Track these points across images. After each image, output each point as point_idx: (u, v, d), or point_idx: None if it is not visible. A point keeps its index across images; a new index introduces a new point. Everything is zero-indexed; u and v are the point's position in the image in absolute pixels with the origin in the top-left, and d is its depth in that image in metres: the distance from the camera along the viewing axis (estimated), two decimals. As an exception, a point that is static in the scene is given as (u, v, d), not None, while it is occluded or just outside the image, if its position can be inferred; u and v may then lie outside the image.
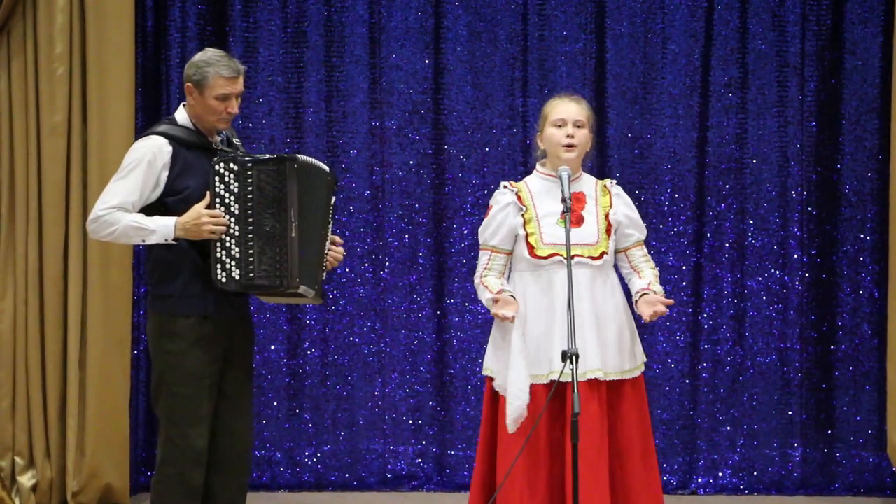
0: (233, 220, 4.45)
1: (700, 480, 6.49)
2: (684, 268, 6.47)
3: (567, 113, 4.66)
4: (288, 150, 6.39)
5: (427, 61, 6.48)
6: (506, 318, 4.50)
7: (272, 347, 6.52)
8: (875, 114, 6.37)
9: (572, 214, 4.54)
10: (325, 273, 4.65)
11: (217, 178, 4.46)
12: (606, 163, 6.41)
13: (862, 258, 6.42)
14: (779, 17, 6.41)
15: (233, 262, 4.45)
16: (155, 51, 6.38)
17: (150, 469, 6.12)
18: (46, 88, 5.94)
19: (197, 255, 4.51)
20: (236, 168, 4.45)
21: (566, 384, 4.42)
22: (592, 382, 4.52)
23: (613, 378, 4.59)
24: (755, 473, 6.47)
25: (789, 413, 6.46)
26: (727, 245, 6.48)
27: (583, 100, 4.78)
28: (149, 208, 4.52)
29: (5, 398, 6.02)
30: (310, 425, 6.54)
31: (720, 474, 6.48)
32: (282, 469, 6.53)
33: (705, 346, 6.48)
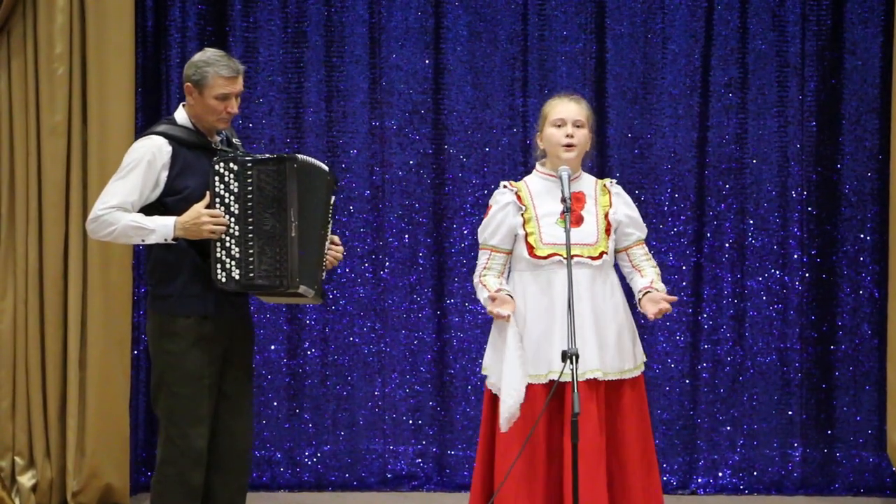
0: (232, 219, 4.45)
1: (700, 480, 6.49)
2: (684, 268, 6.47)
3: (566, 113, 4.66)
4: (288, 150, 6.39)
5: (427, 61, 6.48)
6: (501, 317, 4.51)
7: (272, 347, 6.52)
8: (875, 114, 6.37)
9: (572, 214, 4.53)
10: (324, 273, 4.65)
11: (217, 177, 4.45)
12: (606, 163, 6.41)
13: (862, 258, 6.42)
14: (779, 17, 6.41)
15: (233, 262, 4.44)
16: (155, 51, 6.37)
17: (150, 469, 6.12)
18: (46, 88, 5.94)
19: (197, 255, 4.51)
20: (236, 168, 4.45)
21: (565, 384, 4.42)
22: (591, 382, 4.52)
23: (612, 378, 4.58)
24: (755, 473, 6.46)
25: (789, 413, 6.46)
26: (727, 245, 6.48)
27: (582, 100, 4.77)
28: (148, 208, 4.52)
29: (5, 398, 6.02)
30: (310, 425, 6.54)
31: (720, 474, 6.48)
32: (282, 469, 6.52)
33: (705, 346, 6.48)
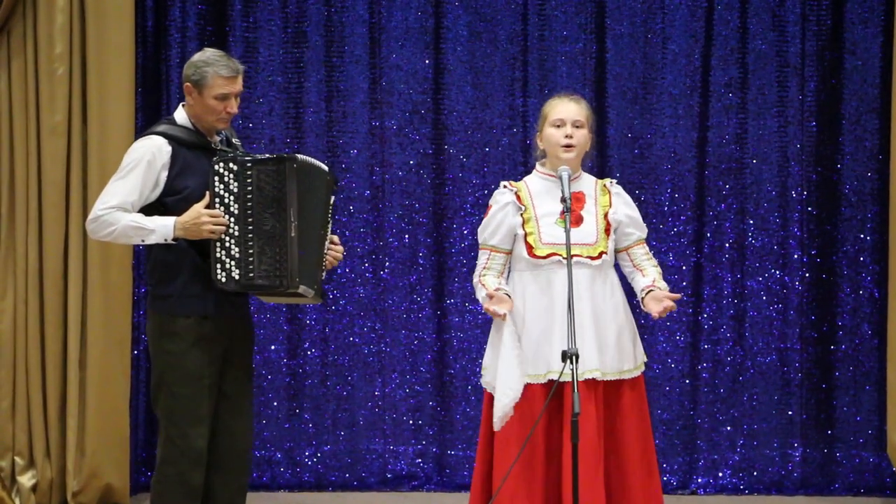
0: (232, 219, 4.45)
1: (700, 480, 6.49)
2: (684, 268, 6.47)
3: (566, 113, 4.66)
4: (288, 150, 6.39)
5: (427, 61, 6.48)
6: (497, 315, 4.51)
7: (272, 347, 6.52)
8: (875, 114, 6.37)
9: (571, 214, 4.53)
10: (324, 273, 4.65)
11: (216, 177, 4.45)
12: (606, 163, 6.41)
13: (862, 258, 6.42)
14: (779, 17, 6.41)
15: (232, 262, 4.44)
16: (155, 51, 6.37)
17: (150, 469, 6.12)
18: (46, 88, 5.94)
19: (196, 255, 4.51)
20: (236, 168, 4.45)
21: (564, 384, 4.42)
22: (590, 382, 4.51)
23: (611, 378, 4.58)
24: (755, 473, 6.46)
25: (789, 413, 6.46)
26: (727, 245, 6.48)
27: (582, 100, 4.77)
28: (148, 208, 4.52)
29: (5, 398, 6.02)
30: (310, 425, 6.53)
31: (720, 474, 6.48)
32: (282, 469, 6.52)
33: (705, 346, 6.48)
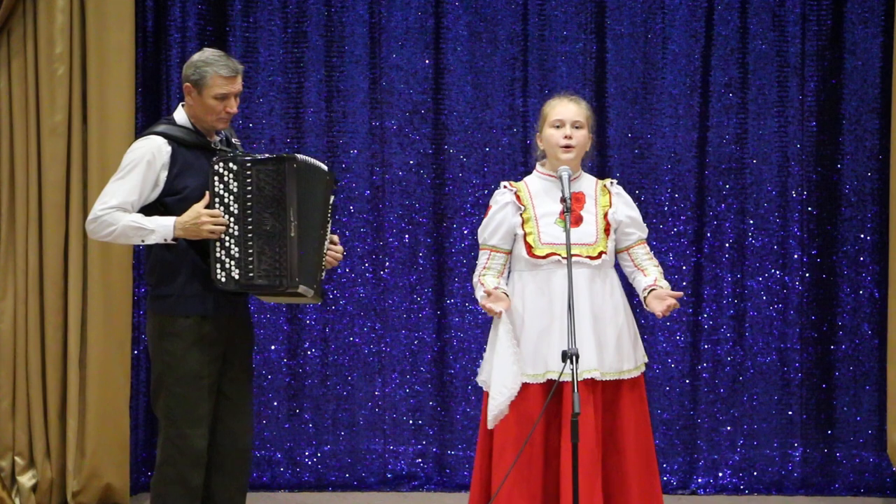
0: (232, 219, 4.44)
1: (700, 480, 6.49)
2: (684, 268, 6.47)
3: (565, 114, 4.66)
4: (288, 150, 6.39)
5: (427, 61, 6.48)
6: (492, 312, 4.51)
7: (272, 347, 6.52)
8: (875, 114, 6.37)
9: (571, 214, 4.53)
10: (324, 272, 4.65)
11: (216, 177, 4.45)
12: (606, 163, 6.41)
13: (862, 258, 6.42)
14: (779, 17, 6.41)
15: (232, 262, 4.44)
16: (155, 51, 6.37)
17: (150, 469, 6.12)
18: (46, 88, 5.94)
19: (196, 255, 4.51)
20: (235, 168, 4.45)
21: (562, 384, 4.42)
22: (588, 382, 4.51)
23: (610, 378, 4.58)
24: (755, 473, 6.46)
25: (789, 413, 6.46)
26: (727, 245, 6.48)
27: (582, 100, 4.77)
28: (148, 208, 4.52)
29: (5, 398, 6.02)
30: (310, 425, 6.53)
31: (720, 474, 6.48)
32: (282, 469, 6.52)
33: (705, 346, 6.48)
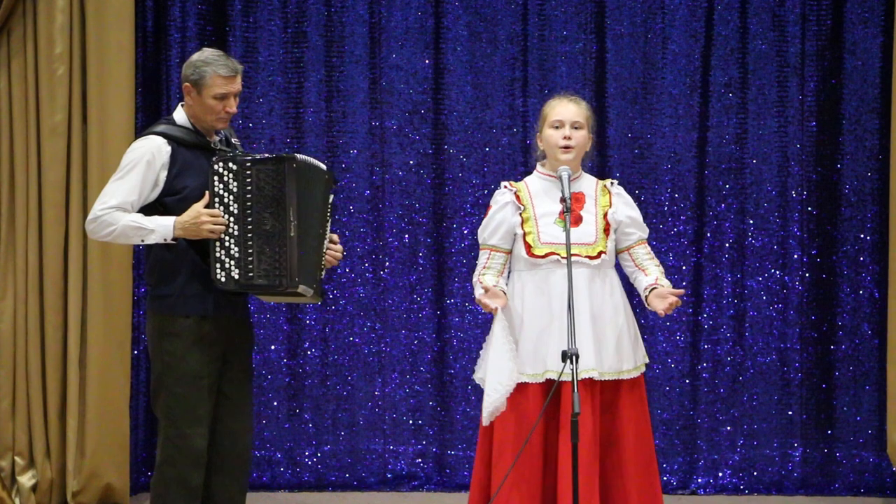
0: (232, 219, 4.44)
1: (700, 480, 6.49)
2: (684, 268, 6.47)
3: (565, 114, 4.66)
4: (288, 150, 6.39)
5: (427, 61, 6.48)
6: (488, 308, 4.51)
7: (272, 347, 6.52)
8: (875, 114, 6.37)
9: (570, 214, 4.53)
10: (323, 272, 4.65)
11: (216, 177, 4.45)
12: (606, 163, 6.41)
13: (862, 258, 6.42)
14: (779, 17, 6.41)
15: (232, 262, 4.44)
16: (155, 51, 6.37)
17: (150, 469, 6.12)
18: (46, 88, 5.94)
19: (196, 255, 4.51)
20: (235, 168, 4.45)
21: (561, 384, 4.42)
22: (586, 382, 4.50)
23: (609, 378, 4.57)
24: (755, 473, 6.46)
25: (789, 413, 6.46)
26: (727, 245, 6.48)
27: (582, 101, 4.77)
28: (147, 208, 4.52)
29: (5, 398, 6.02)
30: (310, 425, 6.54)
31: (720, 474, 6.48)
32: (282, 469, 6.52)
33: (705, 346, 6.48)
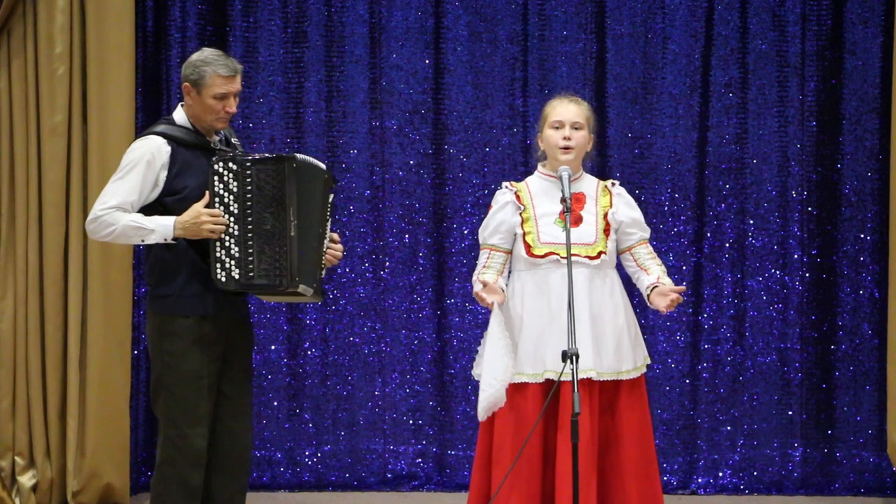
0: (232, 219, 4.44)
1: (700, 480, 6.49)
2: (684, 268, 6.47)
3: (565, 115, 4.66)
4: (288, 150, 6.39)
5: (427, 61, 6.48)
6: (484, 302, 4.51)
7: (272, 347, 6.52)
8: (875, 114, 6.37)
9: (570, 214, 4.53)
10: (323, 271, 4.65)
11: (216, 177, 4.45)
12: (606, 163, 6.41)
13: (862, 258, 6.42)
14: (779, 17, 6.41)
15: (232, 262, 4.44)
16: (155, 51, 6.37)
17: (150, 469, 6.12)
18: (46, 88, 5.94)
19: (196, 254, 4.51)
20: (235, 168, 4.45)
21: (560, 384, 4.42)
22: (585, 382, 4.50)
23: (607, 378, 4.57)
24: (755, 473, 6.46)
25: (789, 413, 6.46)
26: (727, 245, 6.48)
27: (582, 101, 4.77)
28: (147, 208, 4.52)
29: (5, 398, 6.02)
30: (310, 425, 6.54)
31: (720, 474, 6.48)
32: (282, 469, 6.53)
33: (705, 346, 6.48)
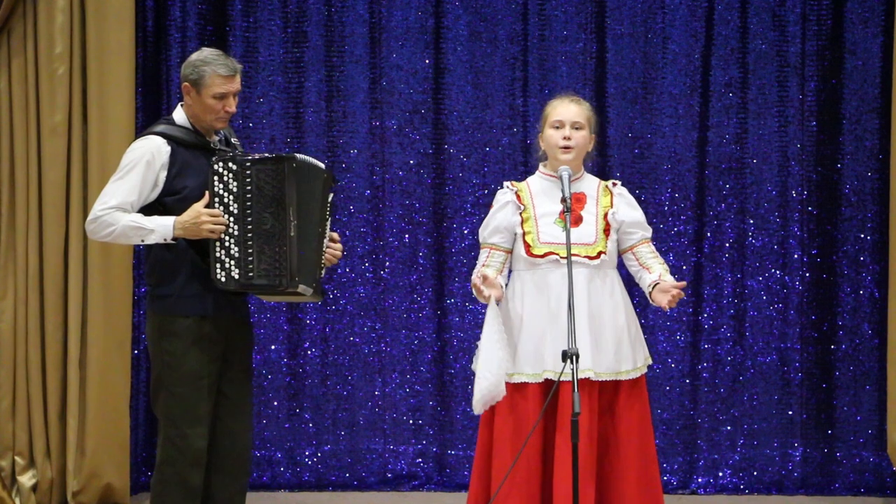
0: (232, 219, 4.44)
1: (700, 480, 6.49)
2: (684, 268, 6.46)
3: (565, 115, 4.66)
4: (288, 150, 6.39)
5: (427, 61, 6.48)
6: (480, 293, 4.51)
7: (272, 347, 6.52)
8: (875, 114, 6.37)
9: (571, 214, 4.53)
10: (323, 271, 4.65)
11: (216, 177, 4.45)
12: (607, 163, 6.41)
13: (862, 258, 6.42)
14: (779, 17, 6.41)
15: (232, 262, 4.44)
16: (155, 51, 6.37)
17: (150, 469, 6.12)
18: (46, 88, 5.94)
19: (196, 254, 4.51)
20: (235, 167, 4.45)
21: (560, 384, 4.42)
22: (583, 382, 4.49)
23: (606, 379, 4.57)
24: (755, 473, 6.46)
25: (789, 413, 6.46)
26: (727, 245, 6.48)
27: (583, 101, 4.77)
28: (147, 208, 4.52)
29: (5, 398, 6.03)
30: (310, 425, 6.54)
31: (720, 474, 6.48)
32: (282, 469, 6.53)
33: (705, 346, 6.48)
